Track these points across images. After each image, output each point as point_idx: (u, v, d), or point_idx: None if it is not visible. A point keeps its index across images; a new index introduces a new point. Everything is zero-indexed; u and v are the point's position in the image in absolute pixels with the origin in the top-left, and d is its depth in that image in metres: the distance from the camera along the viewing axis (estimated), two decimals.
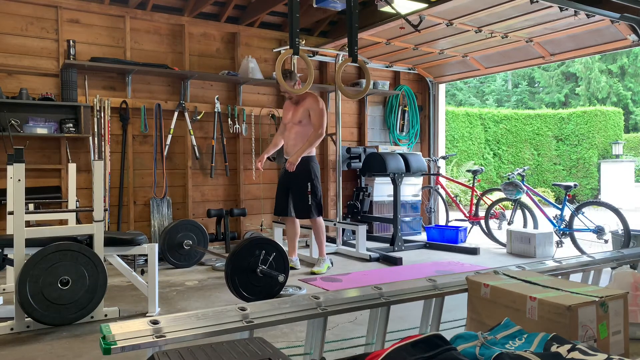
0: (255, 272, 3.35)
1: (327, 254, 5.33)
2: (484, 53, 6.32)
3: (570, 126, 12.37)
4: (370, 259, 5.02)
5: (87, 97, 5.09)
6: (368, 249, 5.23)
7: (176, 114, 5.46)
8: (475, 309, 2.21)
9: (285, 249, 4.63)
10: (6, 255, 3.08)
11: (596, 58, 18.13)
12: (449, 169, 10.31)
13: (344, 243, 5.76)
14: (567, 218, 5.40)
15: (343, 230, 5.91)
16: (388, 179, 6.18)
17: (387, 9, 5.07)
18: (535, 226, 5.81)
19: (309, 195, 4.44)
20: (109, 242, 3.19)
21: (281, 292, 3.69)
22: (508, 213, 6.07)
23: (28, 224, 3.94)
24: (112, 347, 1.52)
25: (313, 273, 4.44)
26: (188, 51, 5.64)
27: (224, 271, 3.33)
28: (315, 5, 4.77)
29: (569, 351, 1.47)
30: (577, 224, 5.29)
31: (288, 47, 3.83)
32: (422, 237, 6.54)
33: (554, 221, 5.50)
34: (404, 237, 5.87)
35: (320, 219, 4.59)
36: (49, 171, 4.93)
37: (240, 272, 3.31)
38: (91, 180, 4.87)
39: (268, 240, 3.49)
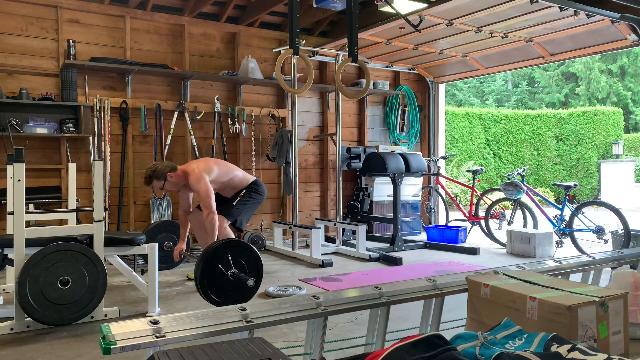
0: (226, 275, 3.17)
1: (328, 253, 5.35)
2: (484, 53, 6.32)
3: (570, 126, 12.37)
4: (370, 259, 5.02)
5: (87, 97, 5.09)
6: (368, 249, 5.23)
7: (176, 114, 5.46)
8: (475, 309, 2.21)
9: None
10: (6, 255, 3.08)
11: (596, 58, 18.13)
12: (449, 169, 10.31)
13: (344, 243, 5.76)
14: (567, 218, 5.40)
15: (343, 230, 5.91)
16: (388, 179, 6.18)
17: (387, 9, 5.07)
18: (535, 226, 5.80)
19: (235, 201, 4.11)
20: (109, 242, 3.19)
21: (281, 292, 3.70)
22: (508, 213, 6.07)
23: (28, 224, 3.94)
24: (112, 347, 1.52)
25: (189, 278, 4.20)
26: (188, 51, 5.64)
27: (194, 274, 3.18)
28: (315, 5, 4.77)
29: (569, 351, 1.47)
30: (577, 224, 5.29)
31: (288, 47, 3.84)
32: (422, 237, 6.54)
33: (554, 221, 5.50)
34: (404, 237, 5.87)
35: (226, 226, 4.10)
36: (49, 171, 4.93)
37: (210, 275, 3.15)
38: (91, 180, 4.87)
39: (241, 243, 3.34)
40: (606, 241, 5.13)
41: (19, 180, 2.81)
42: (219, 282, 3.17)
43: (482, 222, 6.19)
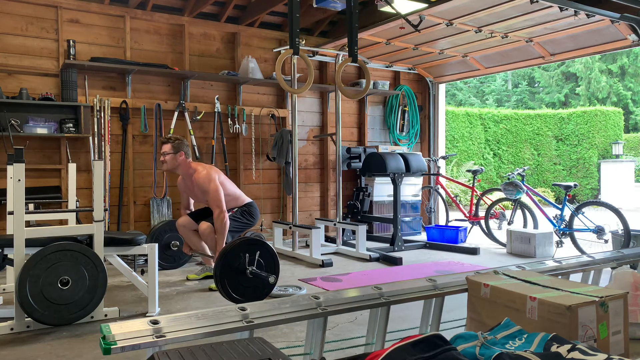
0: (245, 273, 3.26)
1: (328, 253, 5.35)
2: (484, 53, 6.32)
3: (570, 126, 12.37)
4: (370, 259, 5.02)
5: (87, 97, 5.09)
6: (368, 249, 5.23)
7: (176, 114, 5.46)
8: (475, 309, 2.21)
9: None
10: (6, 255, 3.08)
11: (596, 58, 18.13)
12: (449, 169, 10.31)
13: (344, 243, 5.76)
14: (567, 218, 5.40)
15: (343, 230, 5.91)
16: (388, 179, 6.18)
17: (387, 9, 5.08)
18: (535, 226, 5.80)
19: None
20: (109, 242, 3.19)
21: (281, 292, 3.70)
22: (508, 213, 6.07)
23: (28, 224, 3.94)
24: (112, 347, 1.52)
25: (189, 279, 4.24)
26: (188, 51, 5.64)
27: (213, 271, 3.27)
28: (315, 5, 4.77)
29: (569, 351, 1.47)
30: (577, 224, 5.29)
31: (288, 47, 3.84)
32: (422, 237, 6.54)
33: (554, 221, 5.50)
34: (404, 237, 5.87)
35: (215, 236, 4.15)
36: (49, 171, 4.93)
37: (229, 273, 3.22)
38: (91, 180, 4.87)
39: (259, 241, 3.40)
40: (606, 241, 5.13)
41: (19, 180, 2.81)
42: (238, 280, 3.25)
43: (482, 222, 6.19)
